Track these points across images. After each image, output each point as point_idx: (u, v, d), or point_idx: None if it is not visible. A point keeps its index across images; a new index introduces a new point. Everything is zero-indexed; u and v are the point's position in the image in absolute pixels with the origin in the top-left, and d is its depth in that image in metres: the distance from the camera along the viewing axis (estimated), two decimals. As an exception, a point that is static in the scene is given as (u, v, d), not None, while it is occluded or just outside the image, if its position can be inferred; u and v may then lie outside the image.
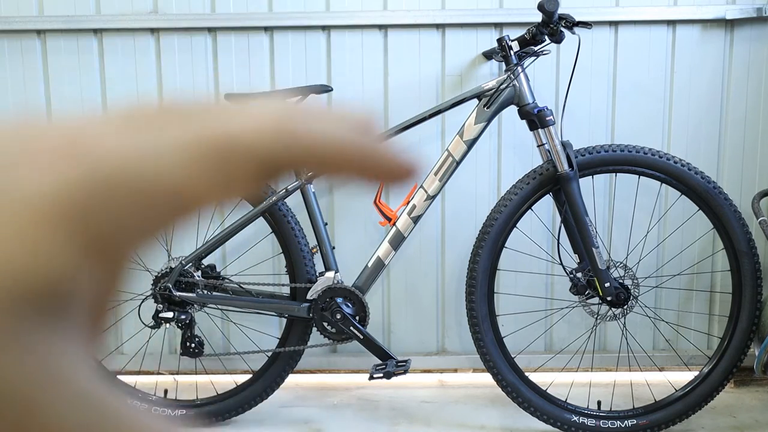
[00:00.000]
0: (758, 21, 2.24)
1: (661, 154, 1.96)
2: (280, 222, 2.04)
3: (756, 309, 1.97)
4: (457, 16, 2.24)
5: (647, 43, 2.26)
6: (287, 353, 2.07)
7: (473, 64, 2.27)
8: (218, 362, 2.28)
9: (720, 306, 2.35)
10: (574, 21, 1.88)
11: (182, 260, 2.02)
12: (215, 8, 2.25)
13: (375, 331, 2.30)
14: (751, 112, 2.29)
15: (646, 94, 2.29)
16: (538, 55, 1.97)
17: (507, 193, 1.99)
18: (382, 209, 1.99)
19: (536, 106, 1.94)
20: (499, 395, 2.09)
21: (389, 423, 2.10)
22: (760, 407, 2.19)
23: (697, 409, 2.01)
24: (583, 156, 1.95)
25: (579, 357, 2.27)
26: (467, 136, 1.97)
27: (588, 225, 1.93)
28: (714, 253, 2.33)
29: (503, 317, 2.20)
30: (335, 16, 2.24)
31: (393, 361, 2.00)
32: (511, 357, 2.04)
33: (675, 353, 2.31)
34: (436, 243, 2.37)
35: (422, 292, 2.39)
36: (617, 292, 1.95)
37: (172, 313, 2.00)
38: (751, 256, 1.96)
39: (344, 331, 1.99)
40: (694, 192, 1.97)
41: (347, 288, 2.00)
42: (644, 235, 2.27)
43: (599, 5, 2.23)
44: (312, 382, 2.41)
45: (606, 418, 2.00)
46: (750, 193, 2.24)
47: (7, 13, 2.25)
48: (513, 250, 2.15)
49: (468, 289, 2.00)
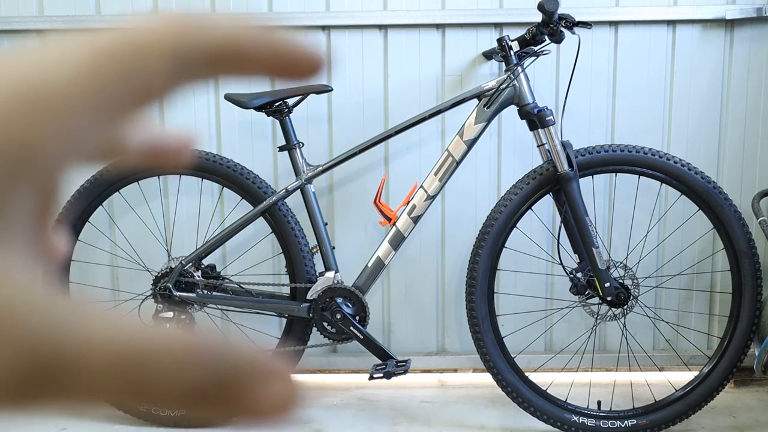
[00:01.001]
0: (758, 21, 2.24)
1: (661, 154, 1.96)
2: (280, 222, 2.04)
3: (756, 309, 1.97)
4: (457, 16, 2.24)
5: (647, 43, 2.26)
6: (287, 353, 2.07)
7: (473, 64, 2.27)
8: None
9: (720, 306, 2.35)
10: (574, 21, 1.88)
11: (182, 260, 2.02)
12: (215, 9, 2.25)
13: (375, 331, 2.30)
14: (751, 112, 2.29)
15: (646, 94, 2.29)
16: (538, 55, 1.97)
17: (507, 193, 1.99)
18: (382, 209, 1.99)
19: (536, 106, 1.94)
20: (499, 395, 2.09)
21: (389, 423, 2.10)
22: (760, 407, 2.19)
23: (697, 409, 2.01)
24: (583, 156, 1.95)
25: (579, 357, 2.27)
26: (467, 136, 1.97)
27: (588, 225, 1.93)
28: (714, 253, 2.33)
29: (503, 317, 2.20)
30: (335, 16, 2.24)
31: (393, 361, 2.00)
32: (511, 357, 2.04)
33: (675, 353, 2.31)
34: (436, 243, 2.37)
35: (422, 292, 2.39)
36: (617, 292, 1.95)
37: (172, 313, 2.00)
38: (751, 256, 1.96)
39: (344, 331, 2.00)
40: (694, 192, 1.96)
41: (347, 288, 2.00)
42: (644, 235, 2.27)
43: (599, 5, 2.23)
44: (312, 382, 2.41)
45: (606, 418, 2.00)
46: (750, 193, 2.24)
47: (7, 13, 2.25)
48: (513, 250, 2.15)
49: (468, 289, 2.00)
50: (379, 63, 2.28)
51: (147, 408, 2.05)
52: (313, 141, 2.29)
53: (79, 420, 2.14)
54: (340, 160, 2.02)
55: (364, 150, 2.02)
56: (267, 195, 2.04)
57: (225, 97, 2.03)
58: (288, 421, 0.21)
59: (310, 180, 2.03)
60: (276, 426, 0.21)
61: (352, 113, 2.30)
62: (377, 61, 2.28)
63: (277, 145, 2.27)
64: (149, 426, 2.11)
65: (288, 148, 2.04)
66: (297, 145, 2.03)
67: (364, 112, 2.30)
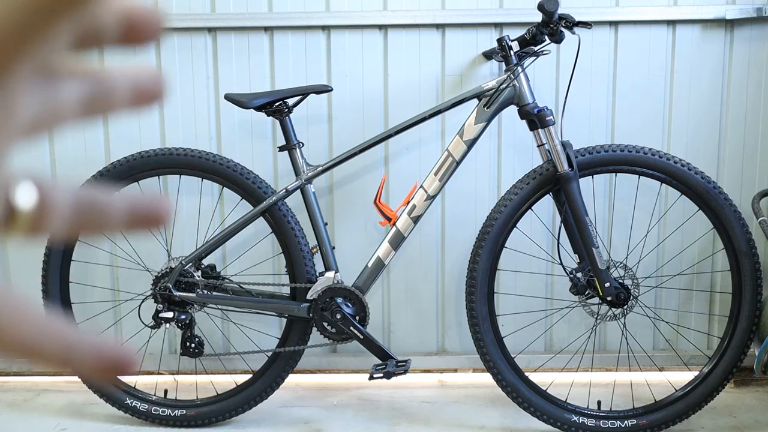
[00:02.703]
0: (758, 21, 2.24)
1: (661, 154, 1.96)
2: (280, 222, 2.04)
3: (756, 309, 1.97)
4: (457, 16, 2.24)
5: (647, 43, 2.26)
6: (287, 353, 2.07)
7: (473, 64, 2.27)
8: (218, 362, 2.28)
9: (720, 306, 2.35)
10: (574, 21, 1.88)
11: (182, 260, 2.02)
12: (215, 8, 2.25)
13: (375, 331, 2.30)
14: (751, 112, 2.29)
15: (646, 94, 2.29)
16: (538, 55, 1.97)
17: (507, 193, 1.99)
18: (382, 209, 1.99)
19: (536, 106, 1.94)
20: (499, 395, 2.09)
21: (389, 423, 2.10)
22: (760, 407, 2.19)
23: (697, 409, 2.01)
24: (583, 156, 1.95)
25: (579, 357, 2.27)
26: (467, 136, 1.97)
27: (588, 225, 1.92)
28: (714, 253, 2.33)
29: (503, 317, 2.20)
30: (335, 16, 2.24)
31: (393, 361, 2.00)
32: (511, 357, 2.04)
33: (675, 353, 2.31)
34: (436, 243, 2.37)
35: (422, 292, 2.39)
36: (617, 292, 1.95)
37: (172, 313, 2.00)
38: (751, 256, 1.96)
39: (344, 331, 1.99)
40: (694, 192, 1.96)
41: (347, 288, 2.00)
42: (644, 235, 2.27)
43: (599, 5, 2.23)
44: (312, 382, 2.41)
45: (606, 418, 2.00)
46: (750, 193, 2.24)
47: None
48: (513, 250, 2.15)
49: (468, 289, 2.00)
50: (379, 63, 2.28)
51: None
52: (313, 141, 2.29)
53: (79, 420, 2.14)
54: (340, 160, 2.02)
55: (364, 150, 2.01)
56: (267, 195, 2.04)
57: (225, 97, 2.03)
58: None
59: (310, 180, 2.03)
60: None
61: (352, 113, 2.30)
62: (377, 61, 2.28)
63: (277, 145, 2.27)
64: (149, 426, 2.11)
65: (288, 148, 2.04)
66: (297, 145, 2.03)
67: (364, 112, 2.30)
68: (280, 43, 2.27)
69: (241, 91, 2.21)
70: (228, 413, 2.10)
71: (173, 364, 2.34)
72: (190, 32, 2.27)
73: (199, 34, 2.27)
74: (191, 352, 2.05)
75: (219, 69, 2.28)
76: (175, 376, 2.30)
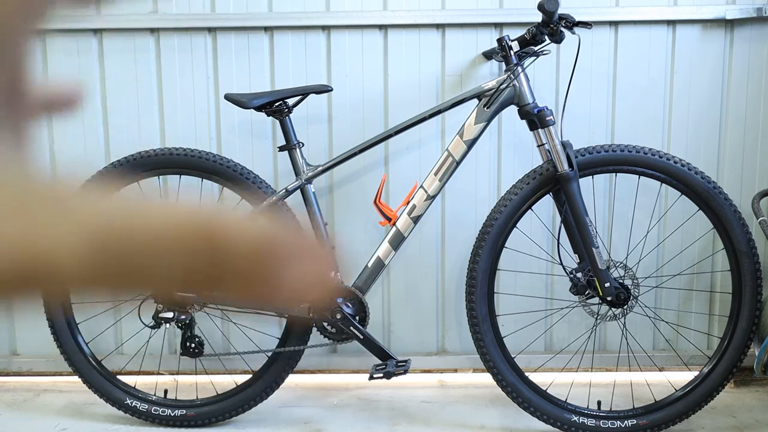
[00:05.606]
0: (758, 21, 2.24)
1: (661, 154, 1.96)
2: (280, 222, 2.04)
3: (756, 309, 1.97)
4: (457, 16, 2.24)
5: (647, 43, 2.26)
6: (287, 353, 2.07)
7: (473, 64, 2.27)
8: (218, 362, 2.28)
9: (720, 306, 2.35)
10: (574, 21, 1.88)
11: (182, 260, 2.02)
12: (215, 8, 2.25)
13: (375, 331, 2.30)
14: (751, 112, 2.29)
15: (646, 94, 2.29)
16: (538, 55, 1.97)
17: (507, 193, 1.99)
18: (382, 209, 1.99)
19: (536, 106, 1.94)
20: (499, 395, 2.09)
21: (389, 423, 2.10)
22: (760, 407, 2.19)
23: (697, 409, 2.01)
24: (583, 156, 1.95)
25: (579, 357, 2.27)
26: (467, 136, 1.97)
27: (588, 225, 1.92)
28: (714, 253, 2.33)
29: (503, 317, 2.20)
30: (335, 16, 2.24)
31: (393, 361, 2.00)
32: (511, 357, 2.04)
33: (675, 353, 2.31)
34: (436, 243, 2.37)
35: (422, 292, 2.39)
36: (617, 292, 1.95)
37: (172, 313, 2.00)
38: (751, 256, 1.96)
39: (344, 331, 1.99)
40: (694, 192, 1.96)
41: (347, 288, 2.00)
42: (644, 235, 2.27)
43: (599, 5, 2.23)
44: (312, 382, 2.41)
45: (606, 418, 2.00)
46: (750, 193, 2.24)
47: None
48: (513, 250, 2.15)
49: (468, 289, 2.00)
50: (379, 63, 2.28)
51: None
52: (313, 141, 2.29)
53: (79, 420, 2.14)
54: (340, 160, 2.02)
55: (364, 150, 2.01)
56: (267, 195, 2.04)
57: (225, 97, 2.03)
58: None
59: (310, 180, 2.03)
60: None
61: (352, 113, 2.30)
62: (377, 61, 2.28)
63: (277, 145, 2.27)
64: (149, 426, 2.11)
65: (288, 148, 2.04)
66: (297, 145, 2.03)
67: (364, 112, 2.30)
68: (280, 43, 2.27)
69: (241, 91, 2.20)
70: (228, 413, 2.10)
71: (173, 364, 2.34)
72: (190, 32, 2.27)
73: (199, 34, 2.27)
74: (191, 352, 2.05)
75: (219, 69, 2.28)
76: (175, 376, 2.30)
